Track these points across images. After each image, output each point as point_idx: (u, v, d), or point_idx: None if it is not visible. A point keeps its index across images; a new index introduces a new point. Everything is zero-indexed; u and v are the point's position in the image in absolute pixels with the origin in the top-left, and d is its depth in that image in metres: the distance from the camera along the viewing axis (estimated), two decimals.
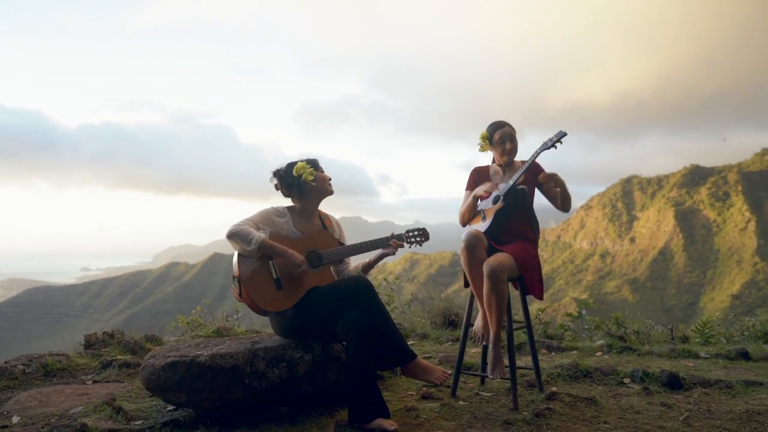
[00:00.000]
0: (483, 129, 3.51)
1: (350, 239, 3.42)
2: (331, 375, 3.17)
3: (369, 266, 3.32)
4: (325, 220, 3.36)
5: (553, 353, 4.63)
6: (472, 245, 3.20)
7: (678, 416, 3.03)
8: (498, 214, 3.30)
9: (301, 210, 3.25)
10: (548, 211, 3.73)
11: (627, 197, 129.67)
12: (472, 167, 3.67)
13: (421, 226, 3.44)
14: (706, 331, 5.22)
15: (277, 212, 3.17)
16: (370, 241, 3.29)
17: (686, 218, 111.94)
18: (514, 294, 3.43)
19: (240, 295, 2.94)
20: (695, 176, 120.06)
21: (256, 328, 5.09)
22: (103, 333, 4.22)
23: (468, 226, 3.51)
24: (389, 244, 3.24)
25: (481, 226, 3.39)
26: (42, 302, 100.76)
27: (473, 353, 4.56)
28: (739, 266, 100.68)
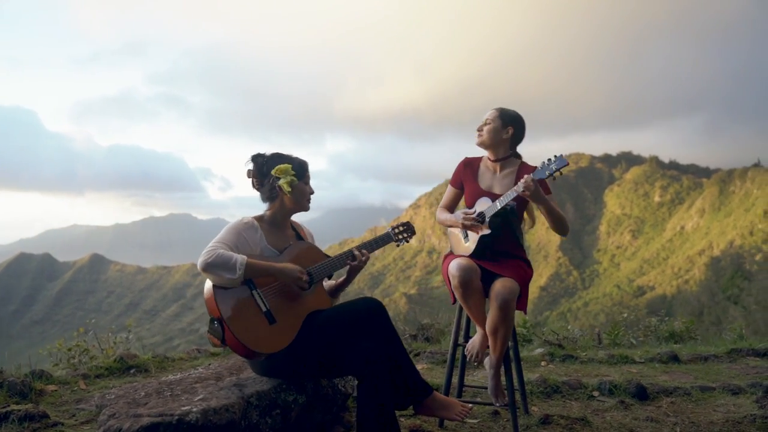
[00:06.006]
0: (285, 134, 3.05)
1: (184, 238, 2.82)
2: (318, 416, 2.69)
3: (340, 288, 2.84)
4: (299, 231, 2.81)
5: None
6: (466, 281, 2.78)
7: None
8: (483, 237, 2.96)
9: (272, 220, 2.64)
10: (379, 210, 3.32)
11: None
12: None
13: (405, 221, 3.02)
14: (617, 333, 5.46)
15: (248, 226, 2.53)
16: (365, 243, 2.80)
17: None
18: None
19: (223, 339, 2.31)
20: None
21: (164, 353, 4.31)
22: None
23: (450, 244, 3.18)
24: (354, 255, 2.75)
25: (465, 249, 3.04)
26: None
27: (427, 370, 4.26)
28: (545, 261, 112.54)
